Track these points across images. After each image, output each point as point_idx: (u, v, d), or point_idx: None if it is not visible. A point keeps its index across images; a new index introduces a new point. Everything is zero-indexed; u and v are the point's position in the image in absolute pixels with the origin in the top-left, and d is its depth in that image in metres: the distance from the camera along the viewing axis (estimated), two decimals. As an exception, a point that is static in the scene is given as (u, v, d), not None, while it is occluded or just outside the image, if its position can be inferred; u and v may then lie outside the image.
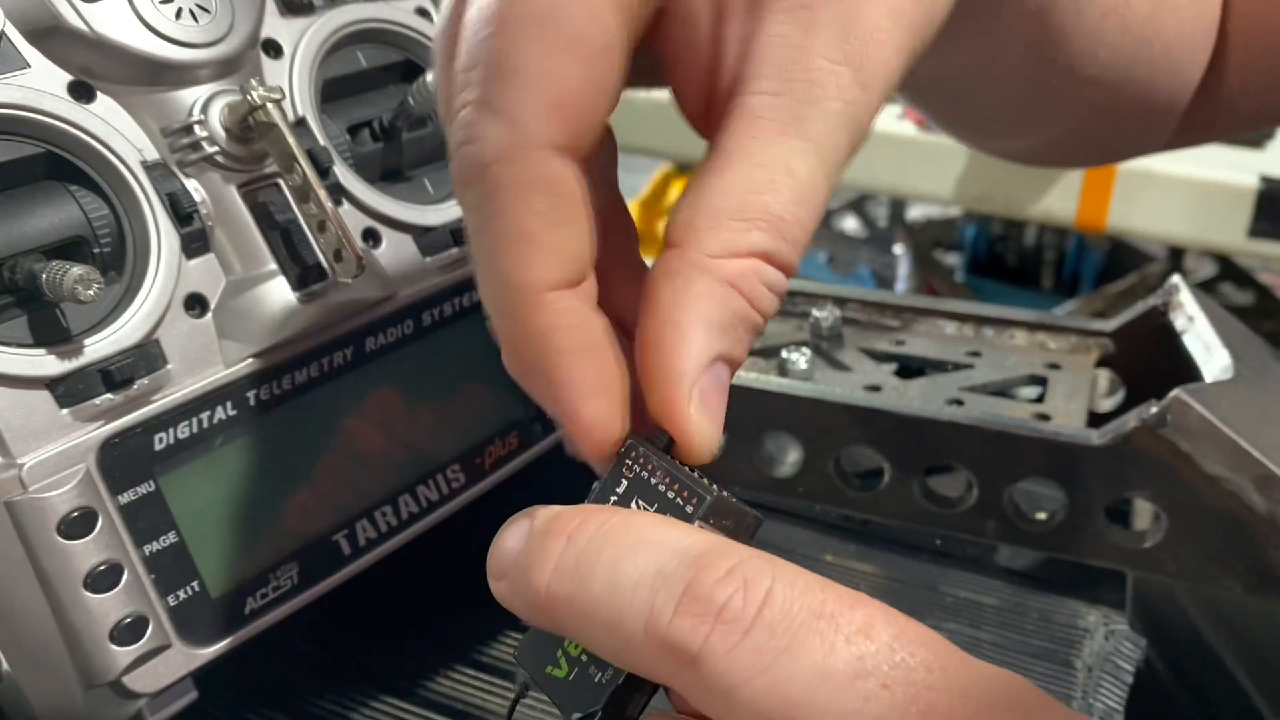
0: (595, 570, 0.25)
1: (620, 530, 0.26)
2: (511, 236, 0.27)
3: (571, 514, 0.27)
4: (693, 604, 0.24)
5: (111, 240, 0.37)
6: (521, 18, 0.26)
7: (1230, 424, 0.45)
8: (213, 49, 0.39)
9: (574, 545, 0.26)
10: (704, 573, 0.24)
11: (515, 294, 0.27)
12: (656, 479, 0.28)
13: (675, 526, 0.26)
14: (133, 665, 0.35)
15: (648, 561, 0.25)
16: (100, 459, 0.35)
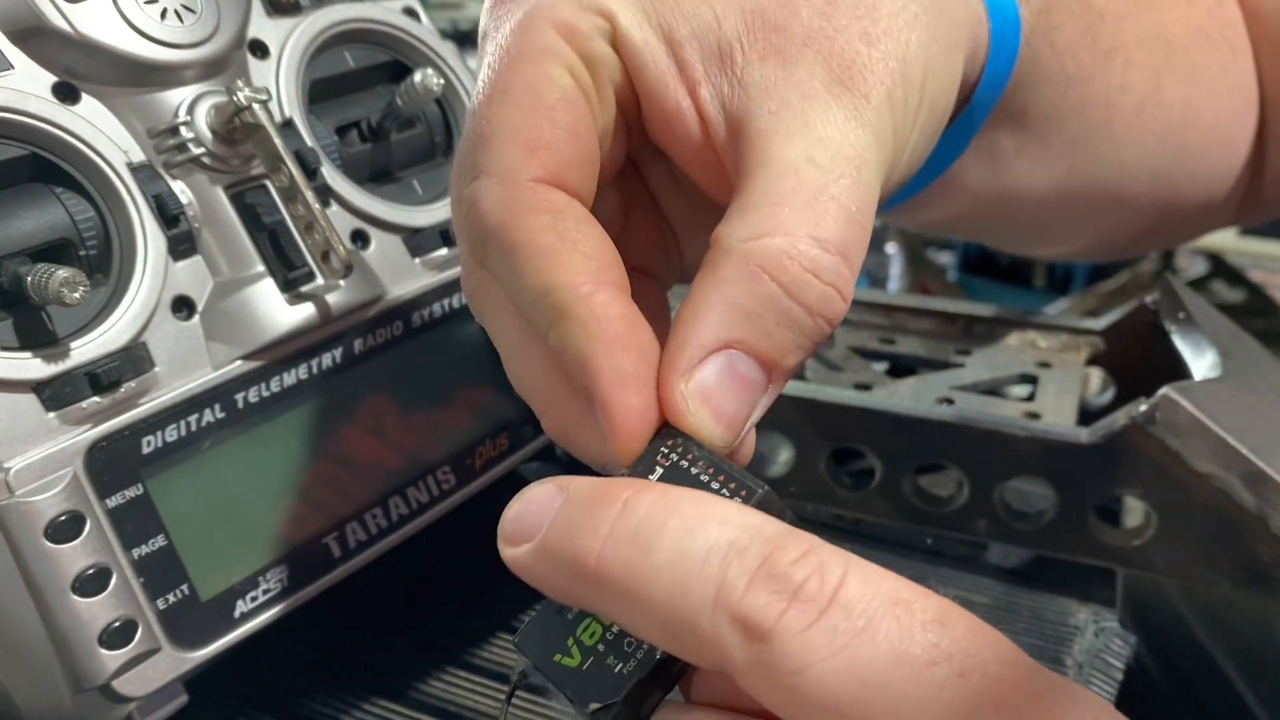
0: (660, 539, 0.24)
1: (687, 502, 0.25)
2: (531, 253, 0.29)
3: (621, 484, 0.26)
4: (769, 580, 0.23)
5: (97, 243, 0.37)
6: (490, 98, 0.30)
7: (1219, 421, 0.45)
8: (198, 50, 0.39)
9: (633, 512, 0.25)
10: (780, 551, 0.24)
11: (552, 298, 0.28)
12: (698, 469, 0.27)
13: (741, 507, 0.25)
14: (122, 669, 0.35)
15: (720, 533, 0.24)
16: (88, 462, 0.35)
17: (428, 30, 0.48)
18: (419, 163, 0.47)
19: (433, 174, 0.47)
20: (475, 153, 0.30)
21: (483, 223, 0.30)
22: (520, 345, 0.32)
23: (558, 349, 0.29)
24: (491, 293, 0.32)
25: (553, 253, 0.29)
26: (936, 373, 0.57)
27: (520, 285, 0.29)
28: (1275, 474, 0.45)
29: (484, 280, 0.32)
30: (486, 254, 0.30)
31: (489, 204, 0.29)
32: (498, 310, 0.32)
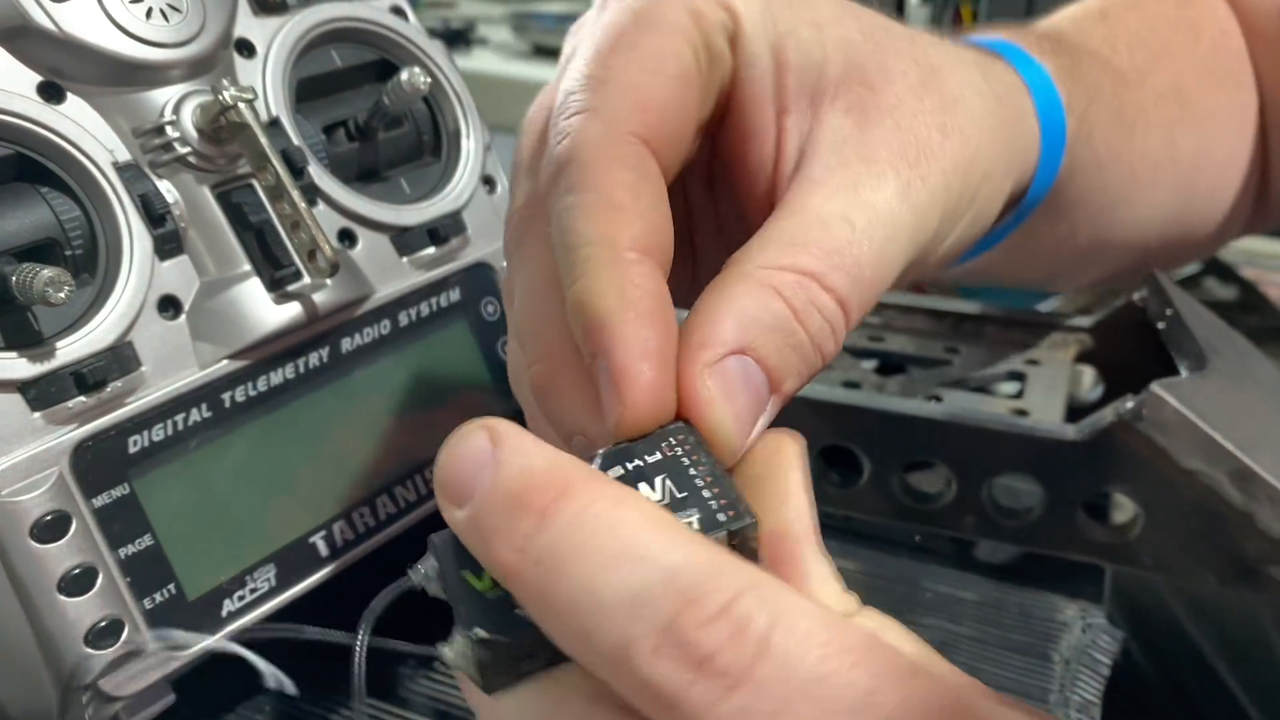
0: (567, 571, 0.22)
1: (604, 529, 0.22)
2: (602, 200, 0.29)
3: (547, 481, 0.23)
4: (676, 647, 0.21)
5: (83, 242, 0.37)
6: (616, 47, 0.31)
7: (1206, 418, 0.45)
8: (184, 49, 0.39)
9: (546, 531, 0.22)
10: (692, 608, 0.21)
11: (599, 249, 0.28)
12: (697, 471, 0.26)
13: (668, 531, 0.22)
14: (109, 669, 0.35)
15: (629, 577, 0.21)
16: (73, 462, 0.35)
17: (415, 29, 0.48)
18: (406, 161, 0.47)
19: (420, 173, 0.47)
20: (589, 91, 0.30)
21: (572, 154, 0.30)
22: (541, 290, 0.31)
23: (579, 303, 0.28)
24: (536, 231, 0.32)
25: (620, 209, 0.29)
26: (925, 370, 0.57)
27: (574, 227, 0.29)
28: (1262, 470, 0.45)
29: (534, 217, 0.32)
30: (556, 186, 0.30)
31: (585, 138, 0.30)
32: (534, 250, 0.32)
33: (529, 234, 0.32)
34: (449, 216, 0.46)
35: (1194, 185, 0.52)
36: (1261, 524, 0.45)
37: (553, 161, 0.30)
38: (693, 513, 0.25)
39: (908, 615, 0.48)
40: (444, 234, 0.45)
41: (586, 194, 0.29)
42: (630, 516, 0.22)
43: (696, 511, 0.25)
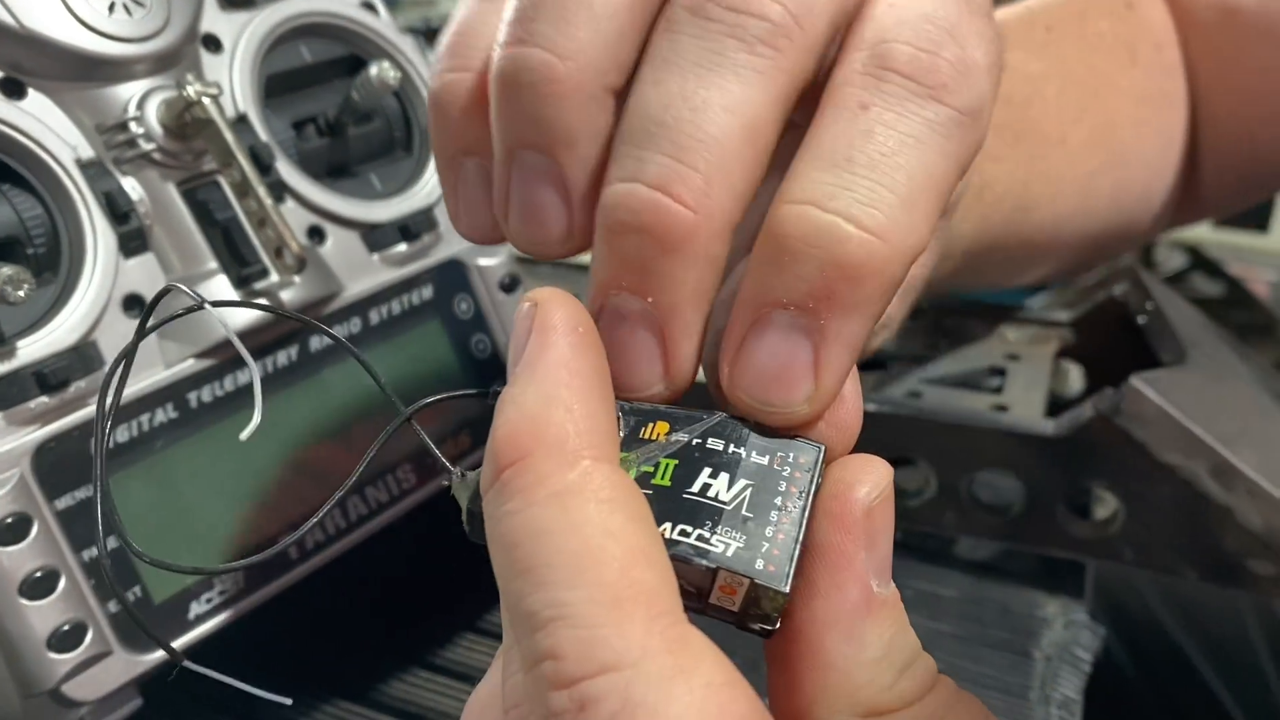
0: (495, 537, 0.21)
1: (530, 522, 0.21)
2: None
3: (514, 438, 0.22)
4: (536, 695, 0.20)
5: (46, 240, 0.36)
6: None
7: (1185, 411, 0.45)
8: (147, 44, 0.38)
9: (495, 490, 0.22)
10: (554, 663, 0.20)
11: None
12: (784, 505, 0.23)
13: (591, 556, 0.20)
14: (72, 673, 0.34)
15: (527, 590, 0.21)
16: (35, 463, 0.34)
17: (386, 23, 0.47)
18: (377, 157, 0.46)
19: (391, 168, 0.47)
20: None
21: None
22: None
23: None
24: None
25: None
26: (906, 366, 0.57)
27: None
28: (1241, 464, 0.45)
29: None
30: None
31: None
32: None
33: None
34: (421, 213, 0.45)
35: (1109, 214, 0.53)
36: (1241, 518, 0.45)
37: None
38: (739, 538, 0.22)
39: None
40: (416, 230, 0.45)
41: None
42: (560, 524, 0.21)
43: (744, 539, 0.22)
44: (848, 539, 0.23)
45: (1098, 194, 0.52)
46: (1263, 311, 1.96)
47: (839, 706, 0.22)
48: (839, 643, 0.22)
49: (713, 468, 0.23)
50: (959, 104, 0.23)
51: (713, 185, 0.23)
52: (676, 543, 0.22)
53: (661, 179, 0.23)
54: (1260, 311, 1.97)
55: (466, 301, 0.47)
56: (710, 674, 0.20)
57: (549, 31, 0.24)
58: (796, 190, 0.23)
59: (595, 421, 0.22)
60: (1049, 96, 0.49)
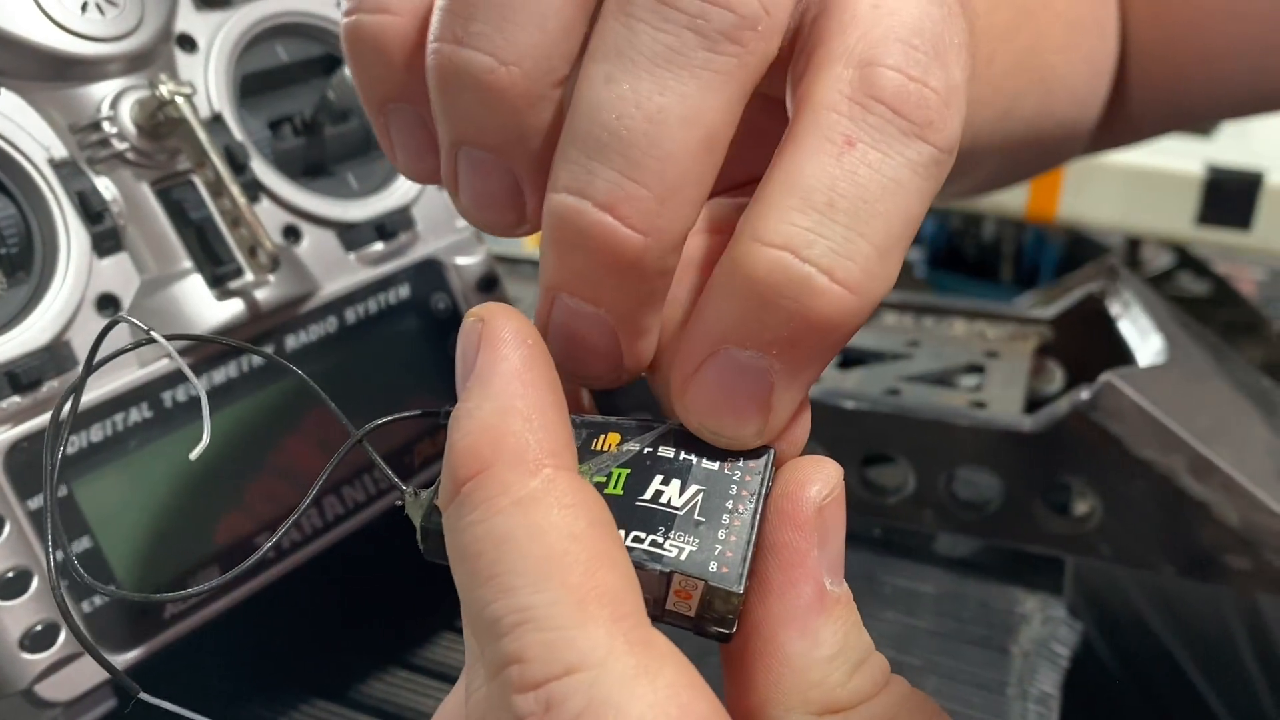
0: (458, 549, 0.21)
1: (493, 531, 0.21)
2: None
3: (474, 450, 0.22)
4: (502, 699, 0.20)
5: (18, 240, 0.36)
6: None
7: (1161, 407, 0.45)
8: (121, 43, 0.38)
9: (456, 502, 0.22)
10: (520, 667, 0.20)
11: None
12: (734, 508, 0.23)
13: (553, 560, 0.21)
14: (45, 673, 0.34)
15: (490, 597, 0.21)
16: (7, 463, 0.34)
17: (363, 23, 0.47)
18: (353, 156, 0.46)
19: (367, 168, 0.47)
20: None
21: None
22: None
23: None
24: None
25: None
26: (884, 364, 0.57)
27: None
28: (1217, 459, 0.45)
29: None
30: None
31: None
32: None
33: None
34: (397, 212, 0.45)
35: (1028, 134, 0.51)
36: (1217, 513, 0.45)
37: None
38: (692, 542, 0.23)
39: (867, 609, 0.48)
40: (392, 229, 0.45)
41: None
42: (523, 530, 0.21)
43: (697, 543, 0.23)
44: (800, 536, 0.23)
45: (1019, 115, 0.50)
46: (1249, 309, 1.97)
47: (793, 704, 0.22)
48: (793, 640, 0.22)
49: (664, 475, 0.24)
50: (941, 142, 0.23)
51: (665, 205, 0.22)
52: (630, 549, 0.22)
53: (611, 198, 0.22)
54: (1246, 309, 1.98)
55: (443, 300, 0.46)
56: (673, 675, 0.20)
57: (489, 33, 0.22)
58: (772, 230, 0.22)
59: (553, 431, 0.22)
60: (979, 10, 0.48)
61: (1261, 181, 1.28)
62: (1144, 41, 0.54)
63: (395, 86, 0.25)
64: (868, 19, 0.23)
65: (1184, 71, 0.54)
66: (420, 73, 0.24)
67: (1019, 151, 0.51)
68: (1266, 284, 2.36)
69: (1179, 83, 0.54)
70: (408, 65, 0.25)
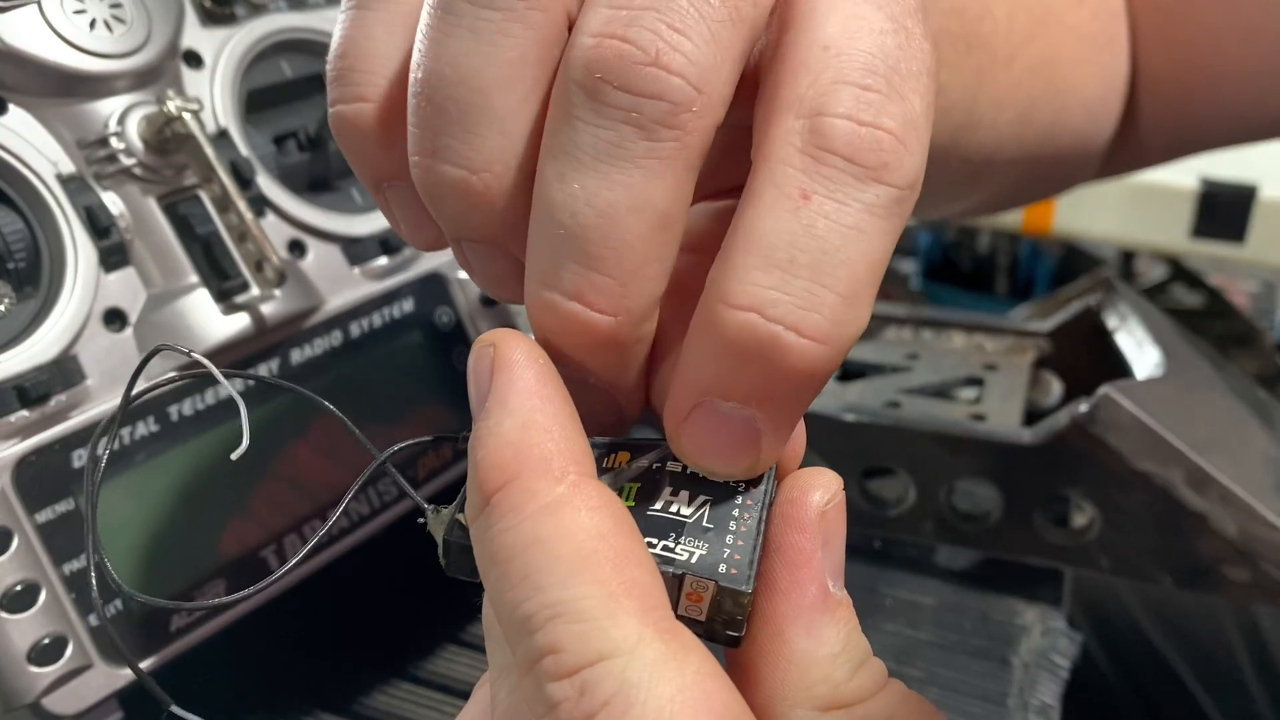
0: (488, 557, 0.23)
1: (523, 536, 0.22)
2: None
3: (500, 463, 0.23)
4: (534, 682, 0.21)
5: (26, 255, 0.37)
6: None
7: (1159, 420, 0.45)
8: (128, 60, 0.39)
9: (484, 514, 0.23)
10: (553, 658, 0.21)
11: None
12: (741, 515, 0.24)
13: (582, 559, 0.22)
14: (52, 686, 0.34)
15: (522, 598, 0.22)
16: (16, 477, 0.34)
17: (367, 39, 0.48)
18: (358, 172, 0.47)
19: (372, 183, 0.47)
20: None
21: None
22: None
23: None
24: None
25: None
26: (884, 376, 0.57)
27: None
28: (1215, 471, 0.45)
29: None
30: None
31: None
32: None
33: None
34: (402, 227, 0.46)
35: (1041, 147, 0.52)
36: (1215, 524, 0.45)
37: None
38: (702, 546, 0.24)
39: (868, 621, 0.48)
40: (396, 244, 0.45)
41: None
42: (552, 533, 0.22)
43: (706, 547, 0.24)
44: (805, 539, 0.24)
45: (1035, 124, 0.50)
46: (1242, 321, 1.98)
47: (798, 699, 0.23)
48: (799, 637, 0.23)
49: (673, 487, 0.25)
50: (900, 180, 0.23)
51: (629, 286, 0.23)
52: None
53: (577, 289, 0.23)
54: (1240, 321, 1.98)
55: (447, 314, 0.47)
56: (700, 663, 0.21)
57: (456, 145, 0.24)
58: (737, 291, 0.22)
59: (573, 441, 0.23)
60: (999, 15, 0.49)
61: (1255, 195, 1.29)
62: (1153, 61, 0.54)
63: (386, 166, 0.26)
64: (817, 63, 0.23)
65: (1192, 93, 0.54)
66: (405, 150, 0.25)
67: (1035, 164, 0.51)
68: (1260, 296, 2.37)
69: (1187, 104, 0.55)
70: (391, 144, 0.26)
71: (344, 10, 0.26)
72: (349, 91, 0.26)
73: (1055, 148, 0.52)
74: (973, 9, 0.48)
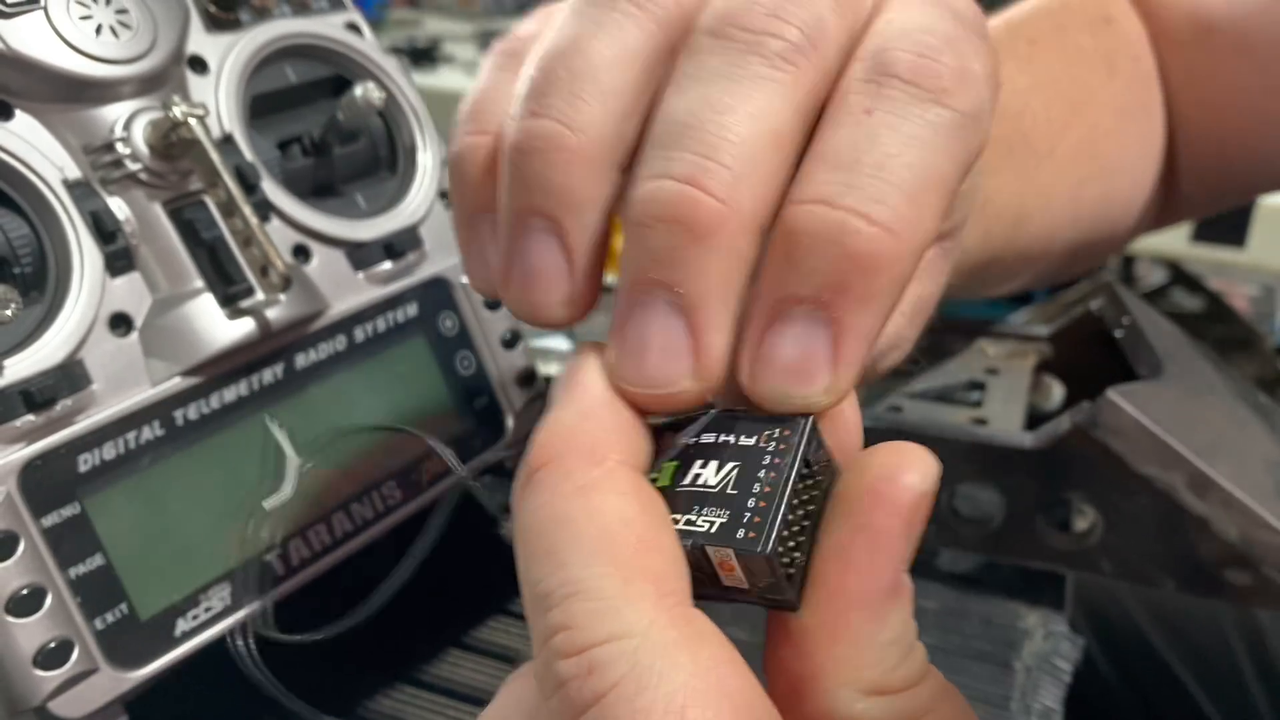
0: (520, 532, 0.23)
1: (554, 514, 0.23)
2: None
3: (546, 443, 0.24)
4: (546, 667, 0.22)
5: (32, 260, 0.37)
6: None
7: (1161, 423, 0.45)
8: (134, 65, 0.39)
9: (523, 490, 0.23)
10: (565, 634, 0.21)
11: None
12: (765, 476, 0.23)
13: (604, 539, 0.22)
14: (58, 690, 0.34)
15: (543, 574, 0.22)
16: (22, 481, 0.35)
17: (370, 44, 0.48)
18: (362, 177, 0.47)
19: (376, 188, 0.47)
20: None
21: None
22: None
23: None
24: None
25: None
26: (886, 380, 0.57)
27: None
28: (1217, 475, 0.45)
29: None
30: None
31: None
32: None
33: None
34: (405, 231, 0.46)
35: (1095, 223, 0.54)
36: (1217, 528, 0.45)
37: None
38: (722, 515, 0.23)
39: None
40: (400, 249, 0.45)
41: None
42: (581, 512, 0.22)
43: (727, 515, 0.23)
44: (894, 522, 0.23)
45: (1086, 203, 0.52)
46: (1242, 325, 1.99)
47: (847, 679, 0.23)
48: (864, 621, 0.23)
49: (704, 459, 0.24)
50: (959, 106, 0.24)
51: (741, 181, 0.23)
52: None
53: (690, 174, 0.23)
54: (1239, 325, 1.99)
55: (451, 319, 0.47)
56: (714, 650, 0.21)
57: (560, 105, 0.25)
58: (806, 191, 0.23)
59: (624, 434, 0.24)
60: (1037, 109, 0.50)
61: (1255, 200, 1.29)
62: (1188, 120, 0.56)
63: (484, 197, 0.28)
64: (883, 28, 0.25)
65: (1225, 149, 0.56)
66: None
67: (1090, 239, 0.53)
68: (1259, 300, 2.37)
69: (1222, 160, 0.56)
70: (493, 177, 0.27)
71: (481, 74, 0.29)
72: (473, 127, 0.29)
73: (1108, 220, 0.54)
74: (1011, 106, 0.49)
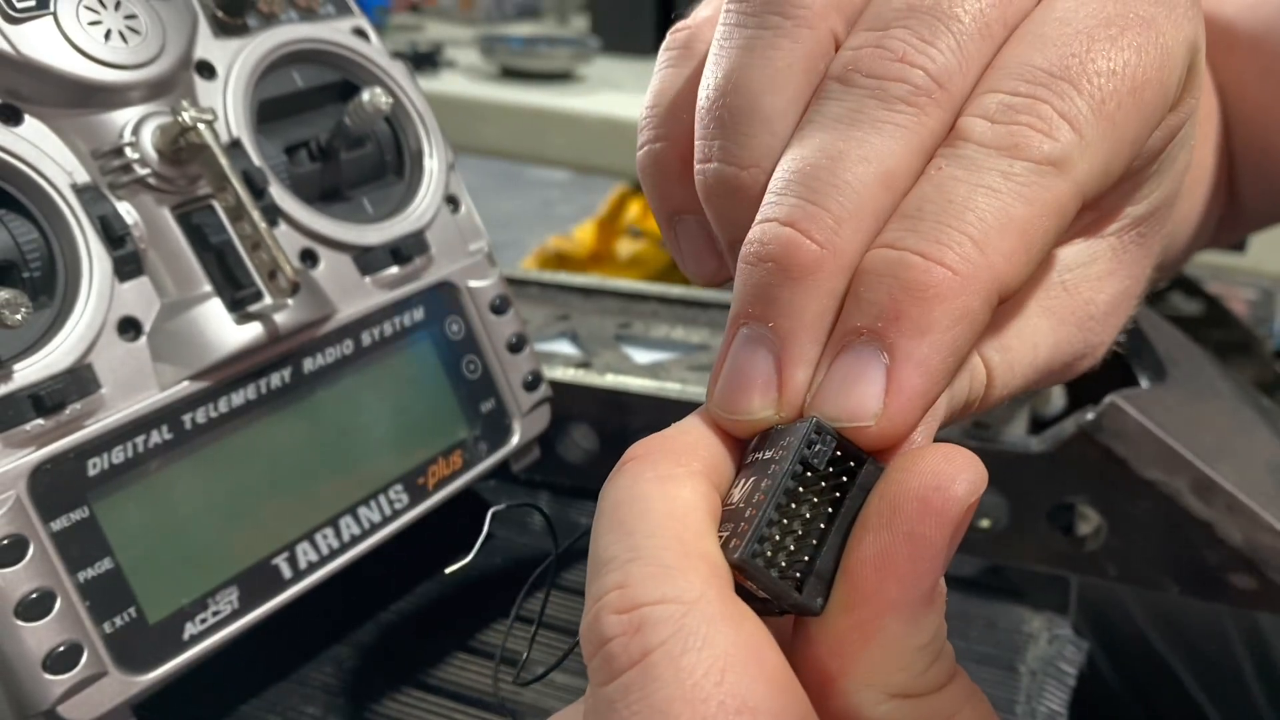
0: (600, 509, 0.25)
1: (634, 496, 0.24)
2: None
3: (640, 443, 0.25)
4: (593, 623, 0.22)
5: (41, 264, 0.37)
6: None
7: (1164, 428, 0.46)
8: (143, 70, 0.39)
9: (610, 478, 0.25)
10: (618, 593, 0.22)
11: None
12: (765, 486, 0.24)
13: (666, 518, 0.23)
14: (67, 694, 0.34)
15: (611, 543, 0.23)
16: (31, 485, 0.35)
17: (377, 50, 0.48)
18: (369, 181, 0.47)
19: (383, 192, 0.47)
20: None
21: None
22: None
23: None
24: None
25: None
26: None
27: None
28: (1221, 479, 0.45)
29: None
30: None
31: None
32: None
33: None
34: (412, 236, 0.46)
35: (1158, 274, 0.54)
36: (1221, 532, 0.46)
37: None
38: (725, 529, 0.24)
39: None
40: (407, 253, 0.45)
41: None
42: (657, 494, 0.24)
43: (729, 528, 0.24)
44: (940, 533, 0.23)
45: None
46: (1241, 329, 1.99)
47: (874, 681, 0.23)
48: (899, 624, 0.23)
49: (743, 478, 0.25)
50: (1036, 156, 0.24)
51: (843, 225, 0.24)
52: None
53: (793, 217, 0.24)
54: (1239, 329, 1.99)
55: (457, 323, 0.47)
56: (754, 628, 0.22)
57: (729, 146, 0.26)
58: (878, 239, 0.24)
59: (710, 451, 0.25)
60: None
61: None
62: (1249, 127, 0.55)
63: (678, 199, 0.30)
64: (1005, 61, 0.26)
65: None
66: (694, 186, 0.28)
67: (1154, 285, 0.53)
68: (1258, 304, 2.37)
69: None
70: (685, 180, 0.29)
71: (656, 70, 0.31)
72: (652, 134, 0.30)
73: (1164, 265, 0.54)
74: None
